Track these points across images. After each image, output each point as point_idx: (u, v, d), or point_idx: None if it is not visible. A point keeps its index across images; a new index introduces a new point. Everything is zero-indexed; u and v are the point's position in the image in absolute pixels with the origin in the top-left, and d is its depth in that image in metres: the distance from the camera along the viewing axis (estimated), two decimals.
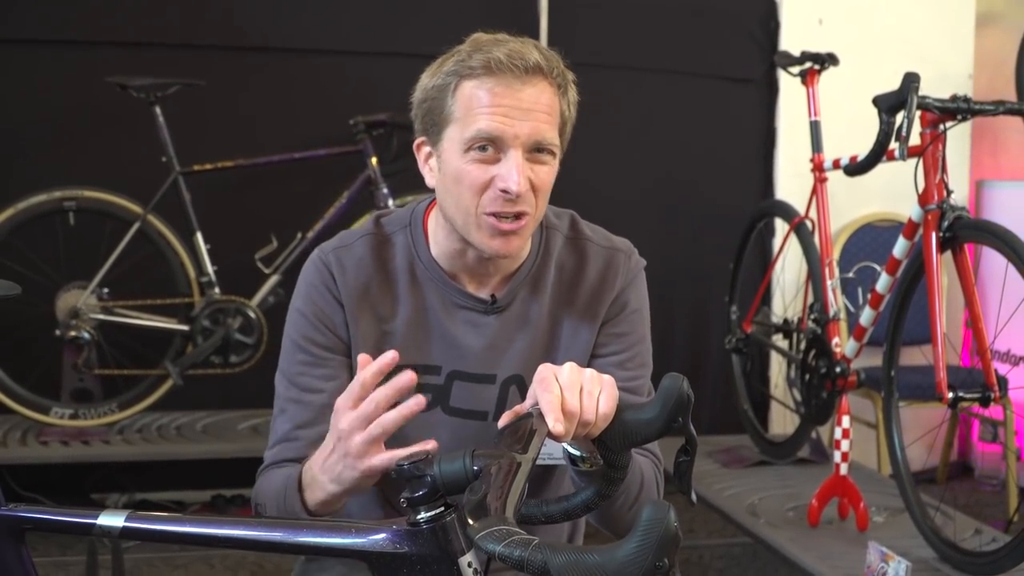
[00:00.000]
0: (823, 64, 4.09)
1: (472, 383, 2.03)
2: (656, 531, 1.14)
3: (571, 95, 1.93)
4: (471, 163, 1.87)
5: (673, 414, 1.48)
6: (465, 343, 2.02)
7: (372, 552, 1.43)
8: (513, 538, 1.21)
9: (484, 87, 1.84)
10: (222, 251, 4.54)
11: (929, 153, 3.16)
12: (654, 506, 1.15)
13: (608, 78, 4.95)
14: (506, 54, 1.83)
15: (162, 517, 1.54)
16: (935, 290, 3.09)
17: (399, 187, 4.45)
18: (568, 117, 1.93)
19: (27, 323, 4.43)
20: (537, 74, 1.84)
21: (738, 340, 4.56)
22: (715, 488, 4.04)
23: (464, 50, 1.88)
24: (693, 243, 5.17)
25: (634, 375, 2.04)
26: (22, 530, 1.57)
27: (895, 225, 4.96)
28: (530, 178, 1.86)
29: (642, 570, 1.14)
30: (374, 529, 1.44)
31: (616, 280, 2.05)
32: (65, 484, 4.54)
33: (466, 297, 2.02)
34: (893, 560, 2.88)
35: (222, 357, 4.49)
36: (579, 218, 2.13)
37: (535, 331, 2.03)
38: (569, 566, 1.16)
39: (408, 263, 2.03)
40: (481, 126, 1.84)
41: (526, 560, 1.18)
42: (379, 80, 4.67)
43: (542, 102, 1.85)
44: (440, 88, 1.89)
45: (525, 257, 2.04)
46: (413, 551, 1.41)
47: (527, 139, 1.84)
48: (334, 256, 2.02)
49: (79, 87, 4.59)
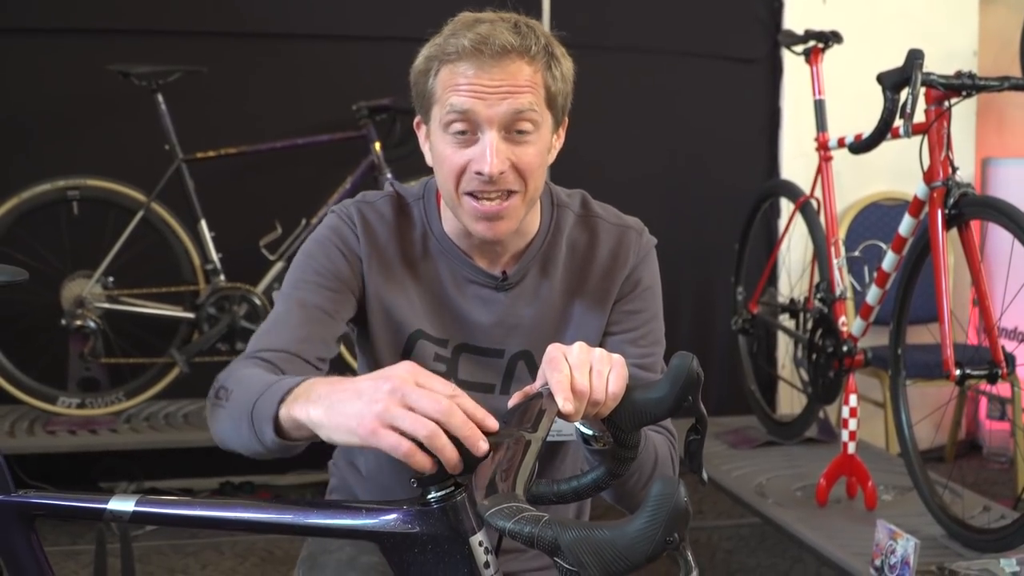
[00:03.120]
0: (827, 42, 4.07)
1: (480, 356, 2.03)
2: (666, 506, 1.14)
3: (563, 68, 1.91)
4: (449, 146, 1.88)
5: (683, 393, 1.47)
6: (474, 318, 2.02)
7: (383, 532, 1.42)
8: (523, 515, 1.20)
9: (458, 70, 1.84)
10: (226, 238, 4.54)
11: (934, 130, 3.14)
12: (664, 482, 1.15)
13: (612, 59, 4.94)
14: (479, 37, 1.82)
15: (172, 501, 1.53)
16: (941, 268, 3.08)
17: (403, 172, 4.44)
18: (558, 90, 1.91)
19: (33, 313, 4.43)
20: (510, 54, 1.83)
21: (744, 321, 4.56)
22: (723, 469, 4.04)
23: (444, 32, 1.89)
24: (698, 224, 5.16)
25: (647, 352, 2.03)
26: (32, 516, 1.57)
27: (901, 203, 4.95)
28: (510, 159, 1.85)
29: (652, 545, 1.14)
30: (385, 510, 1.43)
31: (628, 258, 2.05)
32: (73, 473, 4.55)
33: (477, 272, 2.02)
34: (901, 538, 2.87)
35: (228, 344, 4.49)
36: (590, 197, 2.12)
37: (545, 308, 2.03)
38: (579, 542, 1.16)
39: (422, 234, 2.04)
40: (453, 101, 1.84)
41: (536, 536, 1.18)
42: (382, 65, 4.66)
43: (519, 81, 1.83)
44: (423, 72, 1.90)
45: (535, 234, 2.04)
46: (424, 531, 1.41)
47: (503, 118, 1.83)
48: (355, 209, 2.01)
49: (81, 76, 4.59)
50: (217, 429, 1.70)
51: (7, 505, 1.56)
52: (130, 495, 1.52)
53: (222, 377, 1.74)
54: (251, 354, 1.83)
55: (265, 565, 4.13)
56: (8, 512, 1.56)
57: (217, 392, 1.71)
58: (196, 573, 4.06)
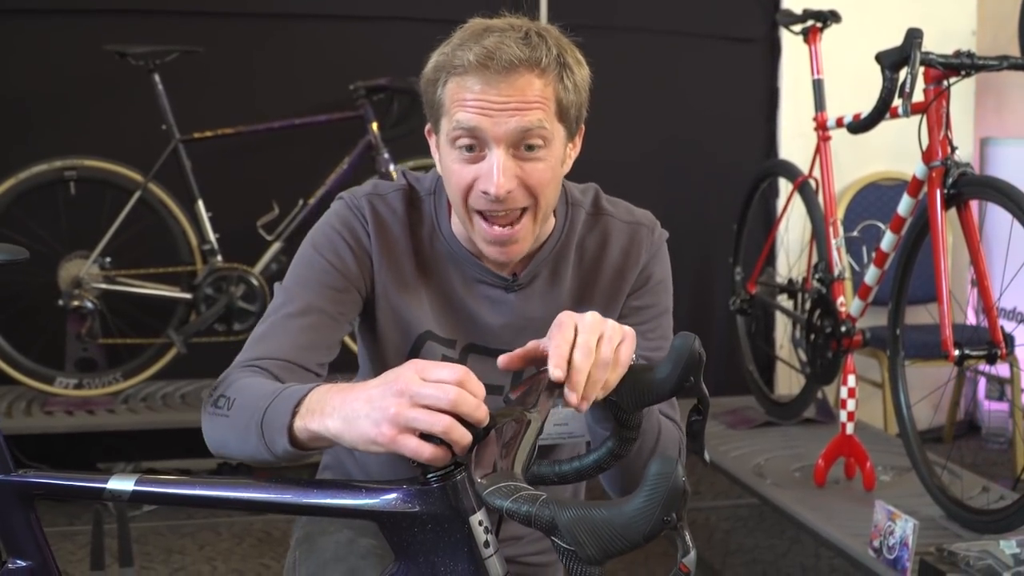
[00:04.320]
0: (825, 22, 4.06)
1: (488, 357, 1.98)
2: (664, 486, 1.14)
3: (577, 78, 1.85)
4: (456, 161, 1.83)
5: (685, 373, 1.47)
6: (483, 319, 1.99)
7: (383, 511, 1.43)
8: (520, 493, 1.21)
9: (465, 84, 1.78)
10: (224, 219, 4.54)
11: (933, 110, 3.13)
12: (662, 461, 1.15)
13: (610, 40, 4.92)
14: (485, 52, 1.76)
15: (171, 481, 1.53)
16: (940, 247, 3.08)
17: (400, 152, 4.43)
18: (571, 102, 1.85)
19: (30, 293, 4.43)
20: (519, 68, 1.77)
21: (743, 301, 4.55)
22: (721, 449, 4.04)
23: (453, 42, 1.83)
24: (697, 204, 5.15)
25: (656, 346, 2.00)
26: (32, 496, 1.57)
27: (899, 183, 4.94)
28: (519, 176, 1.81)
29: (650, 524, 1.14)
30: (385, 489, 1.44)
31: (640, 255, 2.03)
32: (70, 454, 4.55)
33: (486, 273, 1.98)
34: (900, 519, 2.87)
35: (225, 325, 4.49)
36: (602, 193, 2.08)
37: (556, 309, 1.99)
38: (576, 521, 1.16)
39: (430, 233, 2.00)
40: (460, 118, 1.79)
41: (533, 515, 1.18)
42: (379, 45, 4.65)
43: (528, 96, 1.78)
44: (432, 81, 1.85)
45: (548, 235, 2.00)
46: (424, 510, 1.41)
47: (510, 136, 1.78)
48: (367, 202, 1.96)
49: (78, 56, 4.58)
50: (215, 437, 1.69)
51: (7, 485, 1.56)
52: (129, 474, 1.52)
53: (220, 385, 1.72)
54: (249, 361, 1.80)
55: (262, 546, 4.14)
56: (8, 492, 1.56)
57: (216, 400, 1.69)
58: (193, 554, 4.06)
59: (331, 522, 2.03)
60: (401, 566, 1.45)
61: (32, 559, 1.58)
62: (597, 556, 1.17)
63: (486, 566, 1.42)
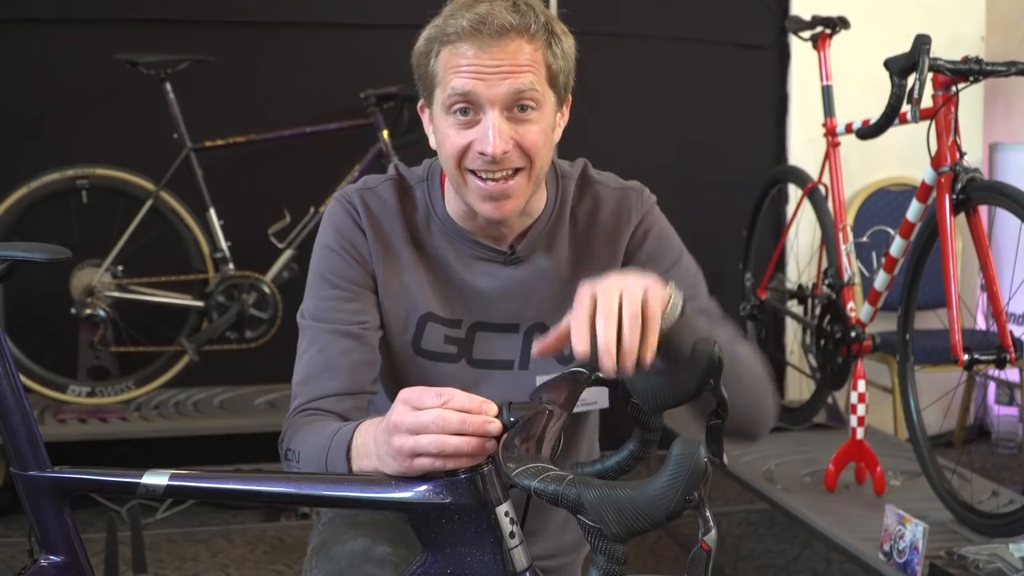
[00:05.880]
0: (834, 28, 4.07)
1: (494, 333, 2.04)
2: (686, 466, 1.17)
3: (564, 45, 1.91)
4: (452, 127, 1.88)
5: (704, 377, 1.50)
6: (485, 295, 2.03)
7: (413, 503, 1.48)
8: (547, 474, 1.25)
9: (459, 51, 1.84)
10: (235, 227, 4.55)
11: (941, 115, 3.14)
12: (684, 442, 1.18)
13: (619, 45, 4.94)
14: (478, 17, 1.82)
15: (204, 475, 1.58)
16: (949, 253, 3.08)
17: (410, 160, 4.43)
18: (560, 68, 1.90)
19: (42, 302, 4.44)
20: (510, 33, 1.83)
21: (753, 307, 4.56)
22: (732, 454, 3.97)
23: (444, 13, 1.89)
24: (706, 210, 5.15)
25: None
26: (67, 492, 1.60)
27: (909, 189, 4.94)
28: (514, 138, 1.85)
29: (672, 503, 1.17)
30: (414, 481, 1.48)
31: (631, 215, 2.06)
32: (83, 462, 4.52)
33: (484, 249, 2.02)
34: (910, 523, 2.88)
35: (237, 332, 4.51)
36: (590, 165, 2.13)
37: (556, 280, 2.03)
38: (602, 500, 1.20)
39: (425, 217, 2.05)
40: (455, 84, 1.84)
41: (560, 494, 1.22)
42: (389, 53, 4.64)
43: (520, 60, 1.84)
44: (424, 54, 1.91)
45: (541, 210, 2.04)
46: (452, 501, 1.46)
47: (504, 98, 1.84)
48: (358, 196, 2.03)
49: (89, 65, 4.60)
50: None
51: (42, 481, 1.59)
52: (164, 470, 1.56)
53: (285, 438, 1.86)
54: (303, 407, 1.90)
55: (275, 552, 4.15)
56: (43, 488, 1.59)
57: (286, 454, 1.84)
58: (207, 561, 4.08)
59: (347, 530, 2.04)
60: (428, 557, 1.50)
61: (65, 556, 1.61)
62: (622, 534, 1.20)
63: (511, 556, 1.48)
